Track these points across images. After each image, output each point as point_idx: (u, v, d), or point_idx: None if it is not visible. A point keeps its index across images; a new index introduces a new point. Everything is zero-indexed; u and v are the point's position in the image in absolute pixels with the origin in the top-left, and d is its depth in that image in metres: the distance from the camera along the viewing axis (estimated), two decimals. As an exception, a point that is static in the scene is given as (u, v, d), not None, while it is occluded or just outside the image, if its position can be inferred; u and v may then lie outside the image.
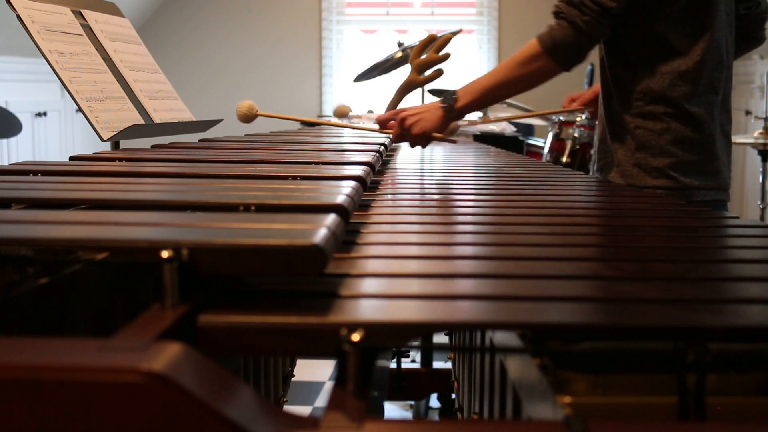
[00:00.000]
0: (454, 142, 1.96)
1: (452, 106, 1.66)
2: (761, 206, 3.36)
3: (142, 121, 1.78)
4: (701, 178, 1.61)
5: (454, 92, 1.67)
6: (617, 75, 1.66)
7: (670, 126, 1.60)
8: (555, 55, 1.57)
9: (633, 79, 1.62)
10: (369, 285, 0.73)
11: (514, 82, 1.63)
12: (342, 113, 3.32)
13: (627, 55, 1.63)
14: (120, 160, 1.30)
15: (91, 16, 1.86)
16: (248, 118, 1.86)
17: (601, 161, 1.72)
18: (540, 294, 0.70)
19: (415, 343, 0.60)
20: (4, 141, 4.12)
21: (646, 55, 1.61)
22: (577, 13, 1.55)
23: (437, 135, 1.71)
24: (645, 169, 1.61)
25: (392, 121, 1.75)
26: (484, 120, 3.40)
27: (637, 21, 1.59)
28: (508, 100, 3.65)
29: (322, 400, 2.87)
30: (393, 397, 2.42)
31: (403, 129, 1.70)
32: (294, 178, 1.09)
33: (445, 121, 1.68)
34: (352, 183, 0.98)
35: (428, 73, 1.89)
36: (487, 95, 1.66)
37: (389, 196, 1.27)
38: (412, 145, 1.74)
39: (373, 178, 1.34)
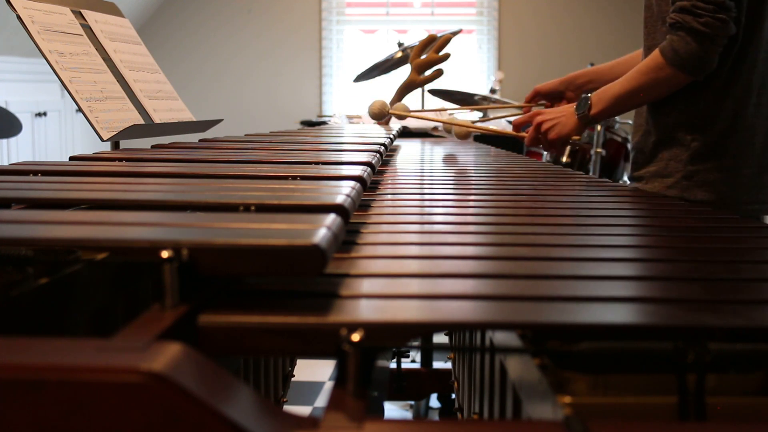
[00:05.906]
0: (578, 139, 1.99)
1: (587, 114, 1.67)
2: (761, 206, 3.36)
3: (142, 121, 1.78)
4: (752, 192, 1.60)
5: (588, 99, 1.67)
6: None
7: (727, 139, 1.58)
8: (681, 67, 1.52)
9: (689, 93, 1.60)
10: (369, 285, 0.72)
11: (645, 90, 1.60)
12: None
13: None
14: (120, 160, 1.30)
15: (91, 16, 1.86)
16: (381, 116, 2.13)
17: (646, 167, 1.69)
18: (540, 294, 0.70)
19: (415, 343, 0.60)
20: (4, 141, 4.12)
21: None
22: (691, 18, 1.46)
23: (575, 138, 1.74)
24: (697, 182, 1.59)
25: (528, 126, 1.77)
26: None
27: None
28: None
29: (322, 400, 2.87)
30: (393, 397, 2.42)
31: (538, 133, 1.74)
32: (294, 178, 1.09)
33: (581, 127, 1.71)
34: (352, 183, 0.98)
35: (428, 73, 1.89)
36: (619, 103, 1.65)
37: (389, 196, 1.27)
38: (546, 149, 1.77)
39: (373, 178, 1.34)
